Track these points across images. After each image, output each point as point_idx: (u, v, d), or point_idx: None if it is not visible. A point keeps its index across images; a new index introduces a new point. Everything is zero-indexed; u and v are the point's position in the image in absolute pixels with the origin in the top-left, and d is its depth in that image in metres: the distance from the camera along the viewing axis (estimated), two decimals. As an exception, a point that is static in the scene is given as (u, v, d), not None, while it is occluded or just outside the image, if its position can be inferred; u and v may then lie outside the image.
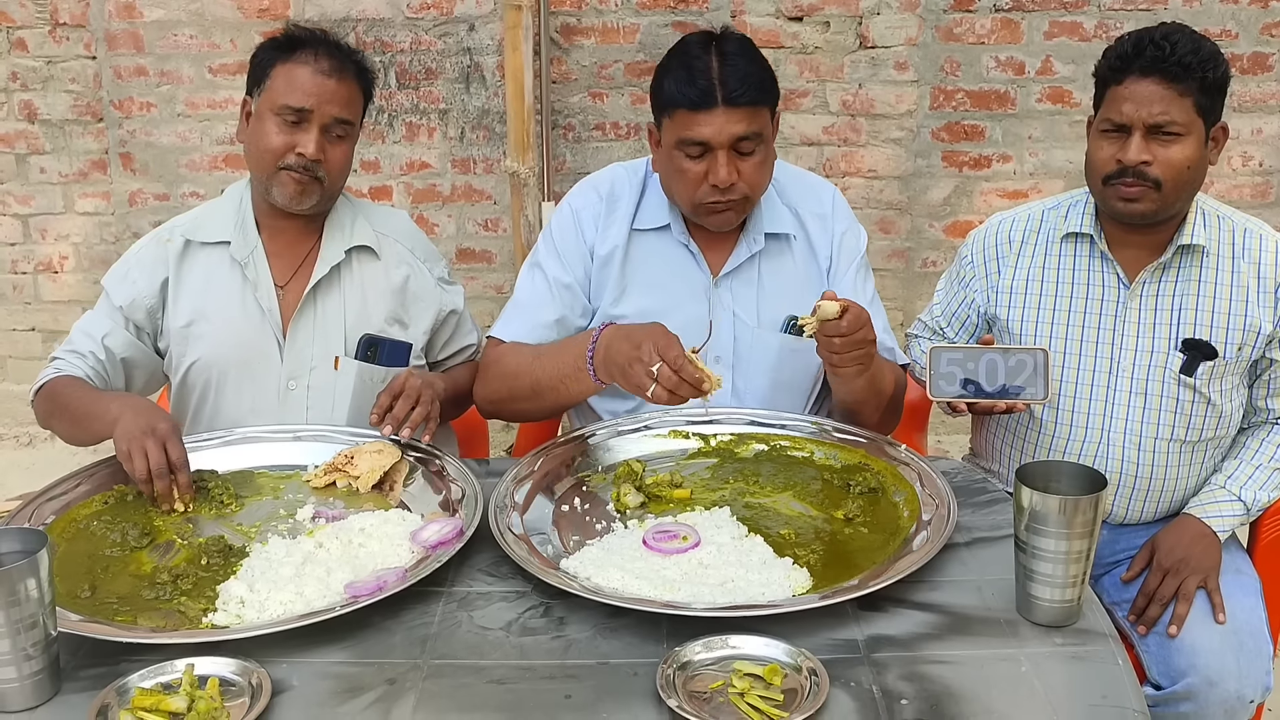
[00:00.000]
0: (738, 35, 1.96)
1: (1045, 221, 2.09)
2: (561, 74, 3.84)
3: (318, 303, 2.10)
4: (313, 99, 1.99)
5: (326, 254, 2.11)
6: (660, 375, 1.69)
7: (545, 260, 2.11)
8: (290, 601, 1.49)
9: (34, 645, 1.32)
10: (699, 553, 1.59)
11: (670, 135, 1.94)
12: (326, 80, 2.00)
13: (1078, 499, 1.42)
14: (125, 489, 1.80)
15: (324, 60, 2.01)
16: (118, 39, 3.88)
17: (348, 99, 2.03)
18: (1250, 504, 2.00)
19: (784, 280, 2.09)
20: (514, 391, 2.01)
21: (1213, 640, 1.87)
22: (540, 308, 2.08)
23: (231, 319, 2.08)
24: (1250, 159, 3.89)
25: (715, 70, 1.89)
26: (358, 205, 2.20)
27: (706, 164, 1.92)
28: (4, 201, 4.08)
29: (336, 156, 2.03)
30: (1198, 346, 1.96)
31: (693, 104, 1.88)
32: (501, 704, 1.32)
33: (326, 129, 2.00)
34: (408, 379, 1.94)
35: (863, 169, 3.92)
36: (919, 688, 1.34)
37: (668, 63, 1.95)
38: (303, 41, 2.04)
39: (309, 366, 2.09)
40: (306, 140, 1.99)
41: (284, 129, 2.00)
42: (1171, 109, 1.84)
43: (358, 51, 2.10)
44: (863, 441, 1.90)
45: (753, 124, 1.91)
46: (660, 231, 2.08)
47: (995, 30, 3.78)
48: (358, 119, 2.07)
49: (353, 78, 2.04)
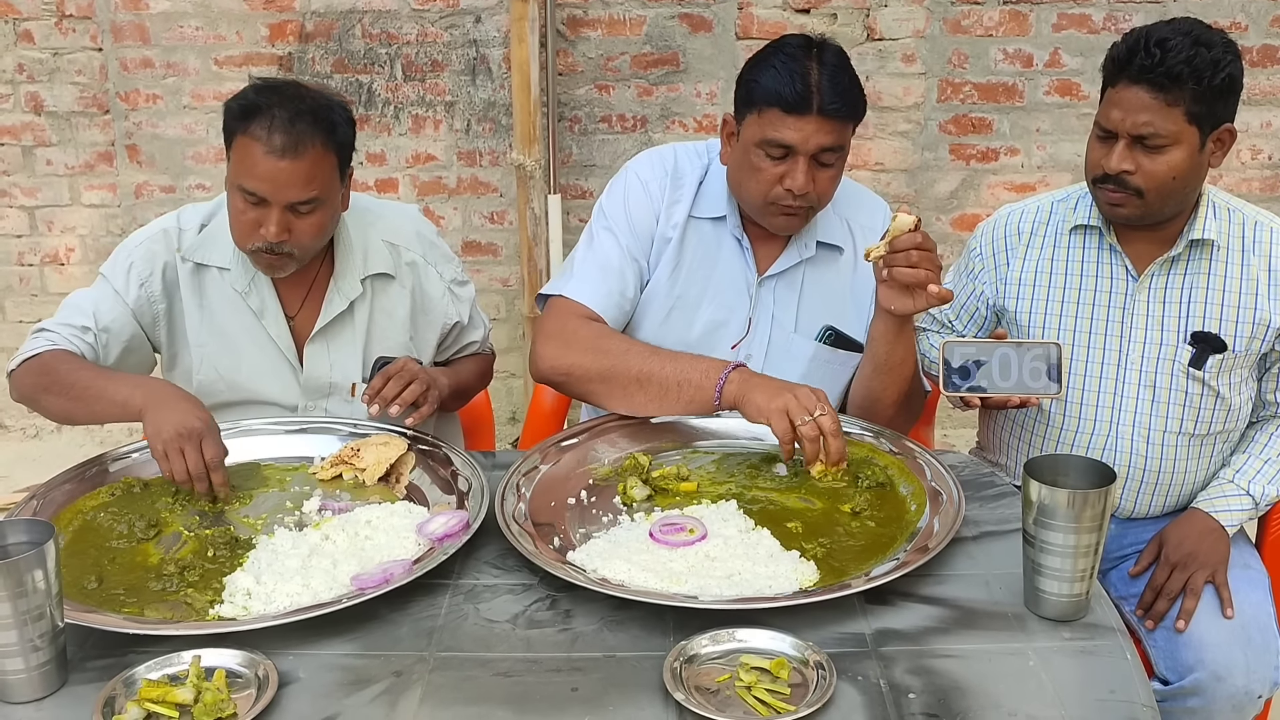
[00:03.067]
0: (836, 46, 1.92)
1: (1054, 213, 2.08)
2: (568, 66, 3.84)
3: (332, 333, 2.07)
4: (267, 185, 1.84)
5: (342, 285, 2.05)
6: (824, 421, 1.72)
7: (620, 228, 2.06)
8: (297, 593, 1.49)
9: (41, 636, 1.32)
10: (706, 545, 1.59)
11: (754, 132, 1.89)
12: (279, 163, 1.83)
13: (1086, 493, 1.41)
14: (132, 480, 1.80)
15: (277, 135, 1.83)
16: (124, 31, 3.87)
17: (307, 176, 1.85)
18: (1259, 499, 1.99)
19: (826, 290, 2.08)
20: (612, 373, 1.92)
21: (1220, 635, 1.86)
22: (618, 277, 2.03)
23: (240, 345, 2.06)
24: (1260, 152, 3.88)
25: (815, 77, 1.85)
26: (365, 213, 2.12)
27: (785, 167, 1.89)
28: (10, 194, 4.08)
29: (306, 228, 1.90)
30: (1207, 340, 1.95)
31: (788, 106, 1.85)
32: (508, 696, 1.32)
33: (290, 208, 1.87)
34: (405, 363, 1.93)
35: (870, 162, 3.91)
36: (926, 682, 1.34)
37: (764, 58, 1.90)
38: (257, 110, 1.85)
39: (326, 393, 2.08)
40: (268, 223, 1.86)
41: (247, 207, 1.88)
42: (1157, 119, 1.82)
43: (325, 105, 1.91)
44: (870, 435, 1.90)
45: (840, 137, 1.89)
46: (716, 222, 2.06)
47: (1003, 22, 3.77)
48: (326, 189, 1.90)
49: (317, 146, 1.86)
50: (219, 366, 2.07)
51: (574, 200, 3.91)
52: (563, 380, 1.99)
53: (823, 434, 1.73)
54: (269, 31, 3.85)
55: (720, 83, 3.83)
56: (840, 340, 2.07)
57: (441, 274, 2.16)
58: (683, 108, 3.87)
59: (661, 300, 2.06)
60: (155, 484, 1.81)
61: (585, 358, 1.95)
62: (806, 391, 1.77)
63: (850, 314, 2.07)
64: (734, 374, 1.85)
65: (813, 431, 1.73)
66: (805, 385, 1.80)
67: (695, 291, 2.06)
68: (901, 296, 1.81)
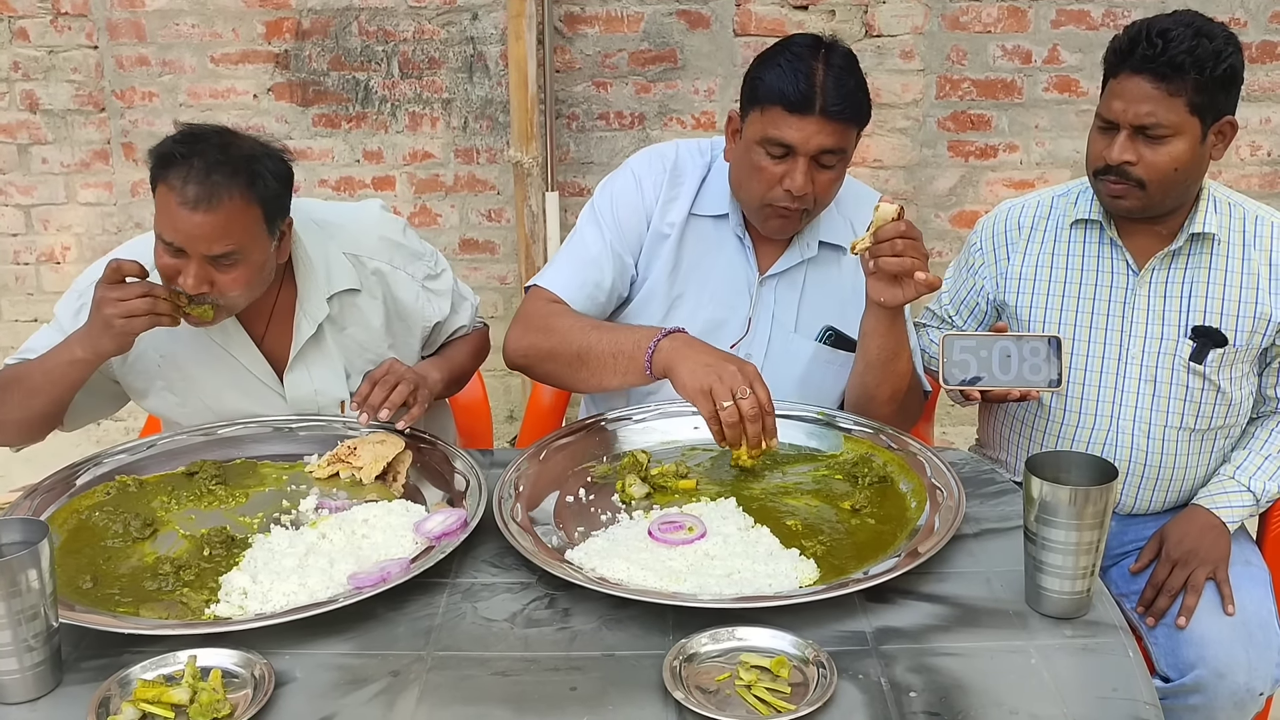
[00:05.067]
0: (845, 48, 1.90)
1: (1055, 208, 2.07)
2: (565, 63, 3.83)
3: (310, 358, 2.02)
4: (181, 236, 1.76)
5: (308, 309, 1.99)
6: (744, 405, 1.68)
7: (605, 221, 2.05)
8: (293, 592, 1.48)
9: (35, 636, 1.31)
10: (705, 544, 1.58)
11: (756, 129, 1.88)
12: (192, 215, 1.74)
13: (1088, 489, 1.40)
14: (126, 480, 1.79)
15: (191, 187, 1.74)
16: (119, 28, 3.86)
17: (223, 229, 1.76)
18: (1260, 495, 1.99)
19: (828, 290, 2.06)
20: (557, 351, 1.94)
21: (1222, 632, 1.86)
22: (594, 267, 2.03)
23: (215, 377, 2.00)
24: (1259, 148, 3.87)
25: (820, 77, 1.83)
26: (322, 228, 2.04)
27: (785, 167, 1.88)
28: (6, 192, 4.07)
29: (228, 282, 1.80)
30: (1208, 334, 1.95)
31: (790, 105, 1.83)
32: (506, 696, 1.31)
33: (211, 260, 1.78)
34: (391, 365, 1.91)
35: (868, 158, 3.90)
36: (927, 680, 1.33)
37: (771, 56, 1.89)
38: (173, 159, 1.78)
39: (315, 407, 2.04)
40: (186, 275, 1.78)
41: (167, 254, 1.79)
42: (1159, 109, 1.81)
43: (250, 156, 1.81)
44: (869, 432, 1.89)
45: (842, 140, 1.87)
46: (717, 220, 2.05)
47: (1002, 19, 3.76)
48: (245, 242, 1.79)
49: (235, 198, 1.77)
50: (195, 400, 2.02)
51: (572, 197, 3.90)
52: (523, 362, 2.01)
53: (743, 419, 1.69)
54: (265, 29, 3.84)
55: (718, 79, 3.82)
56: (841, 340, 2.06)
57: (412, 275, 2.10)
58: (681, 105, 3.86)
59: (661, 298, 2.05)
60: (151, 483, 1.80)
61: (538, 337, 1.97)
62: (733, 370, 1.71)
63: (851, 314, 2.05)
64: (664, 342, 1.82)
65: (732, 417, 1.69)
66: (734, 361, 1.74)
67: (695, 289, 2.05)
68: (890, 287, 1.79)
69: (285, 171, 1.88)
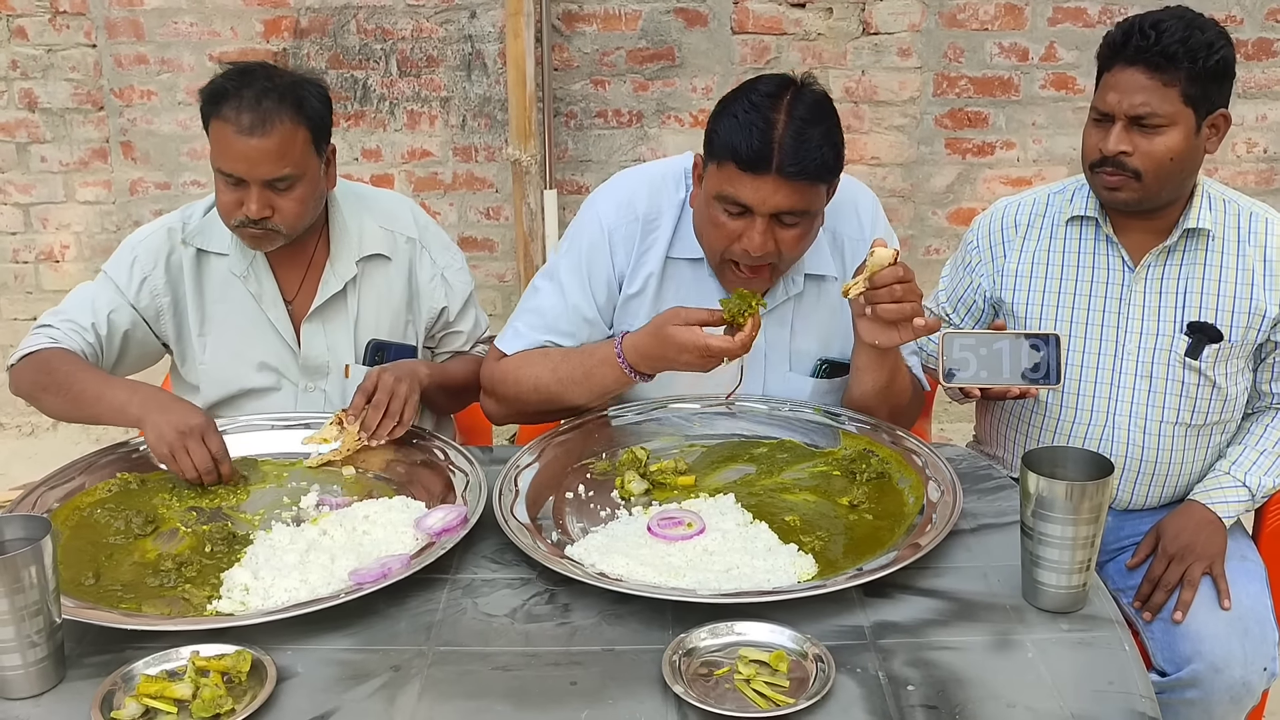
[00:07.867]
0: (816, 95, 1.75)
1: (1050, 205, 2.08)
2: (563, 61, 3.83)
3: (328, 314, 2.10)
4: (241, 164, 1.88)
5: (337, 267, 2.08)
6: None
7: (569, 281, 1.96)
8: (295, 588, 1.49)
9: (38, 632, 1.31)
10: (704, 539, 1.59)
11: (713, 184, 1.77)
12: (249, 141, 1.87)
13: (1085, 484, 1.41)
14: (128, 477, 1.80)
15: (245, 115, 1.87)
16: (118, 27, 3.86)
17: (279, 152, 1.88)
18: (1255, 490, 1.99)
19: (818, 321, 1.99)
20: (537, 403, 1.94)
21: (1218, 627, 1.87)
22: (547, 330, 1.97)
23: (240, 329, 2.09)
24: (1255, 145, 3.88)
25: (778, 132, 1.69)
26: (360, 199, 2.15)
27: (742, 225, 1.75)
28: (5, 190, 4.07)
29: (288, 205, 1.93)
30: (1203, 329, 1.96)
31: (743, 163, 1.70)
32: (507, 691, 1.32)
33: (267, 184, 1.91)
34: (379, 377, 1.90)
35: (865, 156, 3.91)
36: (925, 674, 1.34)
37: (730, 103, 1.76)
38: (225, 93, 1.90)
39: (324, 373, 2.11)
40: (249, 201, 1.90)
41: (227, 188, 1.92)
42: (1154, 100, 1.83)
43: (293, 83, 1.94)
44: (868, 428, 1.90)
45: (802, 200, 1.73)
46: (695, 263, 1.93)
47: (999, 16, 3.77)
48: (300, 164, 1.92)
49: (286, 121, 1.89)
50: (221, 351, 2.09)
51: (570, 195, 3.90)
52: (512, 420, 2.05)
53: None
54: (264, 27, 3.84)
55: (716, 78, 3.83)
56: (835, 369, 2.02)
57: (435, 259, 2.16)
58: (678, 103, 3.87)
59: None
60: (153, 480, 1.81)
61: (509, 403, 1.98)
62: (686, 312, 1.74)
63: (839, 339, 1.98)
64: (625, 348, 1.83)
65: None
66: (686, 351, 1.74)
67: None
68: (886, 330, 1.73)
69: (326, 96, 2.01)
